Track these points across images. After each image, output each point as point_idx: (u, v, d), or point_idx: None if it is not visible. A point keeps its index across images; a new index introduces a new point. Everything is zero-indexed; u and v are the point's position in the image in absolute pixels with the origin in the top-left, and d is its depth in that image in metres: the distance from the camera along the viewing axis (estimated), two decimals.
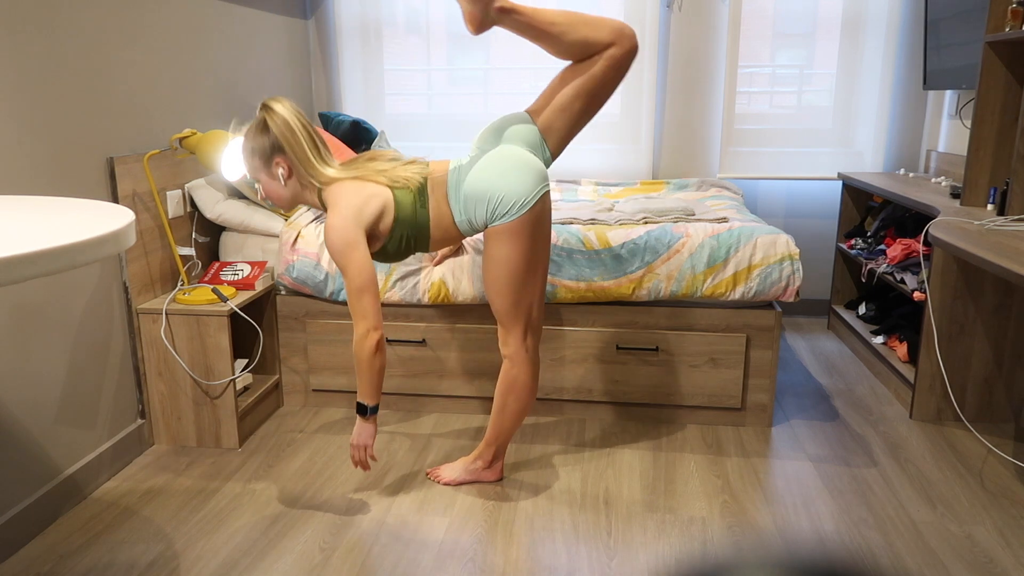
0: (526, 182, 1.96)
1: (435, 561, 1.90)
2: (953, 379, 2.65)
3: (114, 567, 1.88)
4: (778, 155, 3.78)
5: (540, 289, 2.08)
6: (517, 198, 1.95)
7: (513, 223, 1.97)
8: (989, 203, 2.67)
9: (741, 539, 2.00)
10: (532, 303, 2.07)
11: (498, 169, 1.97)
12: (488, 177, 1.97)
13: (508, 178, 1.96)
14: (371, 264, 1.94)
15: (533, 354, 2.12)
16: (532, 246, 2.00)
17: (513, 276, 2.01)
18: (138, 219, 2.41)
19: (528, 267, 2.02)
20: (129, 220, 1.32)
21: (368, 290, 1.92)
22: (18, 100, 1.96)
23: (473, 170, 2.00)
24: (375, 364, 1.96)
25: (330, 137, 2.96)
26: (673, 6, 3.66)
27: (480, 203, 1.98)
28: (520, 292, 2.03)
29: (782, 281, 2.49)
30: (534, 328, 2.10)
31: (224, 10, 2.97)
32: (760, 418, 2.63)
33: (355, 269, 1.91)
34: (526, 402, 2.15)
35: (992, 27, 2.59)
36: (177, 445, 2.53)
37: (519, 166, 1.97)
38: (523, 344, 2.09)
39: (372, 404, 2.01)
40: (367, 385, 1.98)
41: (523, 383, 2.12)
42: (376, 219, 1.98)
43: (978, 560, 1.90)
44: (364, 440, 2.05)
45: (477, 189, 1.98)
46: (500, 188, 1.96)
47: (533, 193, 1.97)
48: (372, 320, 1.92)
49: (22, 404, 2.00)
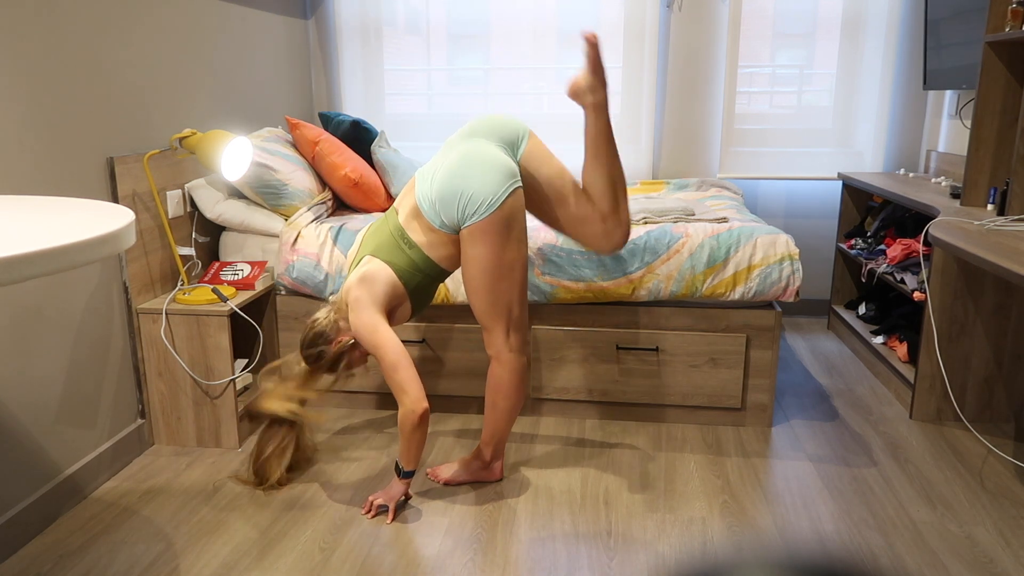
0: (494, 180, 1.97)
1: (435, 561, 1.90)
2: (953, 379, 2.65)
3: (114, 567, 1.88)
4: (778, 155, 3.78)
5: (519, 287, 2.07)
6: (485, 197, 1.96)
7: (483, 222, 1.97)
8: (989, 203, 2.67)
9: (741, 539, 2.00)
10: (512, 301, 2.07)
11: (464, 168, 1.98)
12: (454, 178, 1.99)
13: (475, 177, 1.97)
14: (396, 341, 1.99)
15: (518, 352, 2.11)
16: (505, 244, 2.00)
17: (488, 275, 2.02)
18: (138, 219, 2.41)
19: (503, 265, 2.02)
20: (129, 220, 1.32)
21: (400, 365, 1.96)
22: (18, 100, 1.96)
23: (440, 172, 2.02)
24: (416, 436, 2.01)
25: (330, 137, 2.96)
26: (673, 6, 3.66)
27: (450, 205, 1.99)
28: (496, 291, 2.04)
29: (782, 281, 2.49)
30: (516, 326, 2.10)
31: (224, 10, 2.97)
32: (760, 418, 2.63)
33: (383, 349, 1.97)
34: (515, 400, 2.15)
35: (992, 27, 2.59)
36: (177, 445, 2.53)
37: (486, 164, 1.98)
38: (506, 343, 2.10)
39: (409, 469, 2.07)
40: (407, 453, 2.04)
41: (509, 381, 2.12)
42: (387, 293, 2.04)
43: (978, 560, 1.90)
44: (392, 497, 2.10)
45: (445, 191, 1.99)
46: (467, 188, 1.97)
47: (502, 191, 1.97)
48: (412, 394, 1.97)
49: (22, 404, 2.00)
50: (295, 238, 2.66)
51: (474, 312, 2.10)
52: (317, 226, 2.69)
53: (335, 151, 2.91)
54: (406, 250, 2.07)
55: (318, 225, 2.70)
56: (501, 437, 2.22)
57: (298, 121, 2.96)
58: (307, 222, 2.71)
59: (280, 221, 2.74)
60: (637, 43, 3.70)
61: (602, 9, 3.69)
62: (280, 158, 2.79)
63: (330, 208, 2.93)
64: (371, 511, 2.10)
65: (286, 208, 2.76)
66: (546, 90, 3.82)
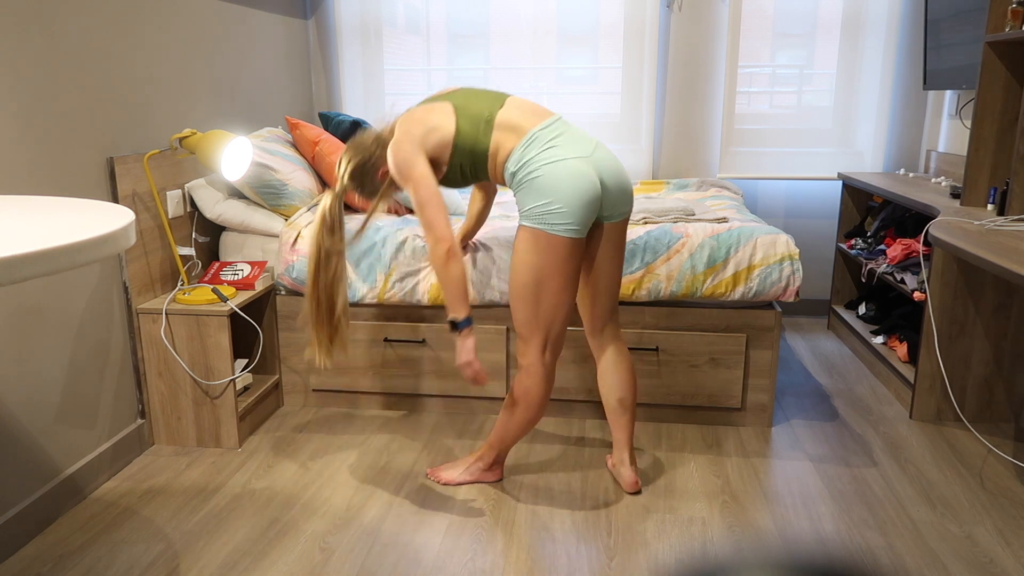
0: (587, 217, 1.94)
1: (435, 561, 1.90)
2: (953, 379, 2.65)
3: (114, 567, 1.88)
4: (778, 155, 3.78)
5: (565, 308, 2.03)
6: (569, 221, 1.92)
7: (553, 237, 1.93)
8: (989, 203, 2.67)
9: (741, 539, 2.00)
10: (555, 320, 2.02)
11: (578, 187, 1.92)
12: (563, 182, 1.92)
13: (577, 199, 1.91)
14: (432, 180, 1.97)
15: (550, 369, 2.08)
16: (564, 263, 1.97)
17: (533, 285, 1.98)
18: (138, 219, 2.41)
19: (554, 281, 1.97)
20: (129, 220, 1.32)
21: (430, 203, 1.95)
22: (18, 100, 1.96)
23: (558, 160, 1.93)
24: (451, 273, 1.95)
25: (330, 137, 2.96)
26: (673, 6, 3.66)
27: (538, 197, 1.93)
28: (539, 304, 1.99)
29: (782, 281, 2.49)
30: (554, 345, 2.06)
31: (224, 10, 2.97)
32: (760, 418, 2.63)
33: (415, 184, 1.96)
34: (535, 414, 2.12)
35: (992, 27, 2.59)
36: (177, 445, 2.53)
37: (592, 198, 1.93)
38: (541, 358, 2.05)
39: (462, 317, 1.98)
40: (450, 297, 1.97)
41: (535, 395, 2.08)
42: (435, 147, 2.00)
43: (978, 560, 1.90)
44: (466, 357, 2.01)
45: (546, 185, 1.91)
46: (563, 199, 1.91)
47: (581, 228, 1.95)
48: (437, 231, 1.95)
49: (22, 404, 2.00)
50: (295, 238, 2.66)
51: (514, 319, 2.06)
52: None
53: (335, 151, 2.91)
54: (480, 133, 2.01)
55: None
56: (508, 444, 2.20)
57: (298, 121, 2.96)
58: (307, 222, 2.71)
59: (280, 221, 2.74)
60: (637, 43, 3.70)
61: (602, 9, 3.69)
62: (280, 158, 2.79)
63: None
64: (473, 380, 2.04)
65: (286, 208, 2.76)
66: (546, 90, 3.82)
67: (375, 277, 2.62)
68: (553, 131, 1.99)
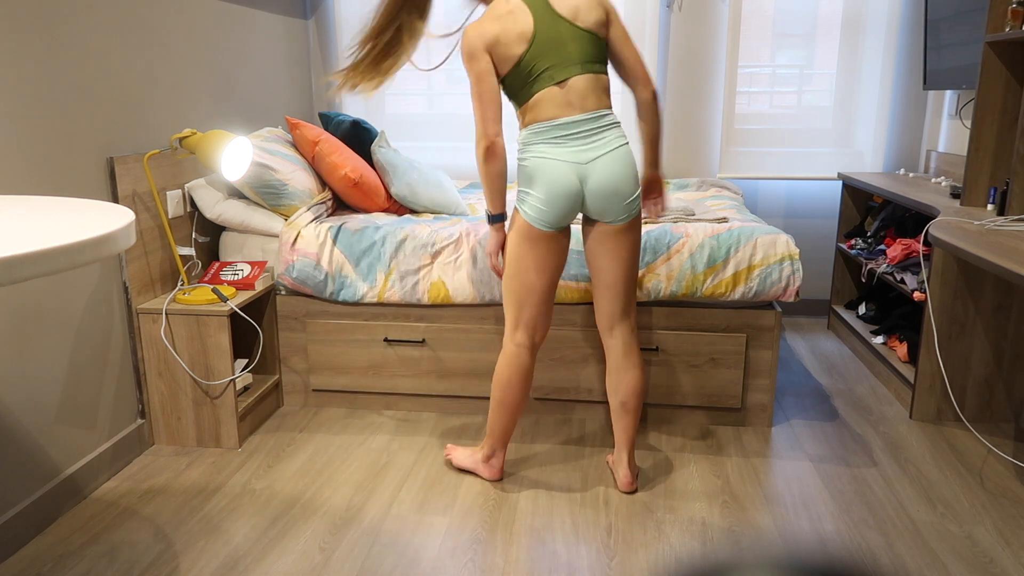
0: (557, 218, 2.04)
1: (435, 561, 1.90)
2: (953, 379, 2.65)
3: (114, 567, 1.88)
4: (778, 155, 3.78)
5: (537, 293, 2.11)
6: (537, 216, 2.04)
7: (524, 221, 2.05)
8: (989, 203, 2.67)
9: (741, 539, 2.00)
10: (525, 302, 2.11)
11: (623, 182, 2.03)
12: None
13: (549, 201, 2.01)
14: (489, 77, 2.00)
15: (522, 351, 2.14)
16: (533, 247, 2.07)
17: (513, 262, 2.12)
18: (138, 219, 2.41)
19: (523, 261, 2.08)
20: (129, 220, 1.32)
21: (481, 98, 2.00)
22: (18, 100, 1.96)
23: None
24: (489, 170, 2.02)
25: (330, 137, 2.96)
26: (673, 6, 3.66)
27: (523, 182, 2.05)
28: (512, 280, 2.12)
29: (782, 281, 2.49)
30: (528, 328, 2.14)
31: (224, 10, 2.97)
32: (760, 418, 2.63)
33: (473, 76, 2.01)
34: (503, 394, 2.17)
35: (992, 27, 2.59)
36: (177, 445, 2.53)
37: (563, 204, 2.03)
38: (512, 337, 2.15)
39: (495, 213, 2.10)
40: (487, 192, 2.07)
41: (501, 374, 2.17)
42: (505, 45, 1.98)
43: (978, 560, 1.90)
44: (490, 248, 2.16)
45: (528, 176, 2.03)
46: (539, 193, 2.02)
47: (549, 224, 2.05)
48: (482, 128, 2.00)
49: (22, 404, 2.00)
50: (295, 238, 2.66)
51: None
52: (317, 226, 2.69)
53: (335, 151, 2.91)
54: (525, 88, 2.02)
55: (318, 225, 2.70)
56: (493, 430, 2.23)
57: (298, 121, 2.96)
58: (307, 222, 2.71)
59: (280, 221, 2.74)
60: (637, 43, 3.70)
61: None
62: (280, 158, 2.79)
63: (330, 208, 2.93)
64: (493, 269, 2.19)
65: (286, 208, 2.76)
66: None
67: (375, 276, 2.62)
68: (563, 129, 2.00)
